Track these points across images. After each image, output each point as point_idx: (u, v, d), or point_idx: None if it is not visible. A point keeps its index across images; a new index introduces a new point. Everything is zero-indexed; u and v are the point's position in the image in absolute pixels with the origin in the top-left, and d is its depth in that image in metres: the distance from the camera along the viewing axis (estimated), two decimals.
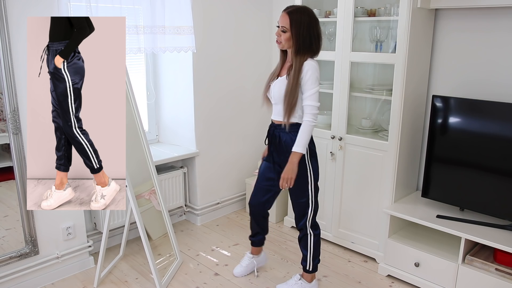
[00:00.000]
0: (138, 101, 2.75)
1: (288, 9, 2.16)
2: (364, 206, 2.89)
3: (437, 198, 2.65)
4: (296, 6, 2.17)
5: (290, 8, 2.16)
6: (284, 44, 2.18)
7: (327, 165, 3.04)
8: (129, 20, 2.63)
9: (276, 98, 2.27)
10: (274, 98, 2.28)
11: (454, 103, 2.53)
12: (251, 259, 2.73)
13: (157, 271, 2.48)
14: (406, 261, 2.62)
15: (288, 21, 2.13)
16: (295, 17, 2.12)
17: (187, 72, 3.20)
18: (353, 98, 2.97)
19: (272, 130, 2.35)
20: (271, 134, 2.36)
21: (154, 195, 2.79)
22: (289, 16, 2.13)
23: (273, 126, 2.35)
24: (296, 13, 2.13)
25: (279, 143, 2.31)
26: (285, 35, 2.15)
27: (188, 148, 3.37)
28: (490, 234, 2.35)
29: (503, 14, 2.47)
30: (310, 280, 2.51)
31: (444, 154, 2.58)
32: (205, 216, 3.51)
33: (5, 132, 2.31)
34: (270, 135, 2.37)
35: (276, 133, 2.31)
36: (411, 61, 2.59)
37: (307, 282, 2.50)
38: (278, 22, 2.17)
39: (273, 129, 2.34)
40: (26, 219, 2.43)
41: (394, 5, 2.61)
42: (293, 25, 2.12)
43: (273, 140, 2.35)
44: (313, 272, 2.49)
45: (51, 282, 2.61)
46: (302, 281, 2.50)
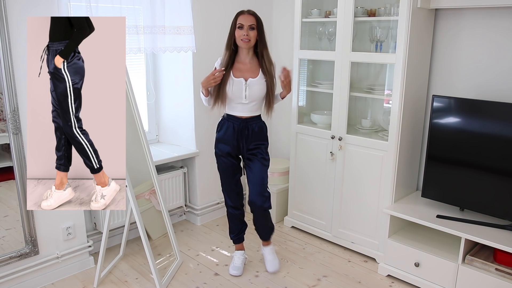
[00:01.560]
0: (138, 101, 2.75)
1: (247, 11, 2.41)
2: (364, 206, 2.89)
3: (437, 198, 2.65)
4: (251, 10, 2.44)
5: (248, 10, 2.41)
6: (253, 41, 2.40)
7: (327, 165, 3.04)
8: (129, 20, 2.63)
9: (253, 97, 2.46)
10: (250, 97, 2.45)
11: (454, 103, 2.52)
12: (243, 255, 2.80)
13: (157, 271, 2.48)
14: (406, 261, 2.62)
15: (254, 20, 2.38)
16: (257, 17, 2.40)
17: (187, 72, 3.20)
18: (353, 98, 2.97)
19: (242, 125, 2.50)
20: (240, 129, 2.50)
21: (154, 195, 2.79)
22: (254, 16, 2.39)
23: (243, 121, 2.50)
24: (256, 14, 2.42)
25: (252, 133, 2.52)
26: (254, 32, 2.38)
27: (188, 148, 3.37)
28: (490, 234, 2.35)
29: (503, 14, 2.47)
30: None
31: (444, 154, 2.58)
32: (205, 216, 3.51)
33: (5, 132, 2.31)
34: (239, 130, 2.50)
35: (249, 125, 2.51)
36: (411, 61, 2.59)
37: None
38: (241, 22, 2.37)
39: (244, 124, 2.50)
40: (26, 219, 2.43)
41: (394, 5, 2.61)
42: (259, 23, 2.40)
43: (244, 133, 2.51)
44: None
45: (51, 282, 2.61)
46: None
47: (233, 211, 2.69)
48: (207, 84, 2.39)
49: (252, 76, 2.44)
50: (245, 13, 2.39)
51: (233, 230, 2.76)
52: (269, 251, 2.81)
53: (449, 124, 2.55)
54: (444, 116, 2.56)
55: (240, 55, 2.46)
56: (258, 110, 2.54)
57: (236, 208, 2.69)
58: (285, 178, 3.49)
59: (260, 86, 2.45)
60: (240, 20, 2.37)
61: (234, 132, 2.51)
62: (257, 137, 2.54)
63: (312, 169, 3.15)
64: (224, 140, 2.54)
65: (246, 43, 2.38)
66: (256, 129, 2.53)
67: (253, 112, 2.50)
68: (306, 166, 3.18)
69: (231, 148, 2.54)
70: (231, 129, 2.51)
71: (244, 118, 2.50)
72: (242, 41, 2.37)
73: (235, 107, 2.48)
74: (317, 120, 3.17)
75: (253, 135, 2.52)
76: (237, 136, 2.51)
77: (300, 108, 3.22)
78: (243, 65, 2.46)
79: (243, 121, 2.50)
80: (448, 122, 2.55)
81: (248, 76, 2.44)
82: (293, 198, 3.35)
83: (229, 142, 2.53)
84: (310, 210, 3.24)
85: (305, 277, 2.72)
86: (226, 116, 2.54)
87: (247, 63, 2.46)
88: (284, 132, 3.73)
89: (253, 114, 2.51)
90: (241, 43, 2.39)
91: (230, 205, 2.68)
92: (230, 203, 2.67)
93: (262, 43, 2.43)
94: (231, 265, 2.77)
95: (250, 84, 2.43)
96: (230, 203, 2.67)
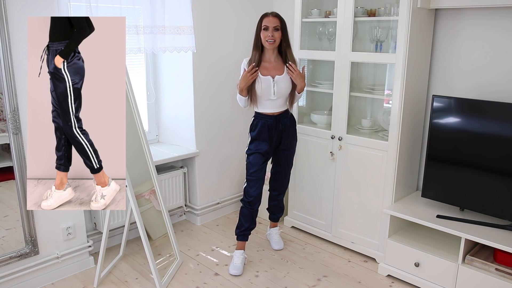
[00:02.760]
0: (138, 101, 2.75)
1: (271, 13, 2.54)
2: (364, 206, 2.89)
3: (437, 198, 2.65)
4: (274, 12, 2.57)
5: (272, 13, 2.54)
6: (278, 42, 2.54)
7: (327, 165, 3.04)
8: (129, 20, 2.63)
9: (281, 93, 2.61)
10: (278, 94, 2.60)
11: (454, 103, 2.52)
12: (243, 254, 2.81)
13: (157, 271, 2.48)
14: (406, 261, 2.62)
15: (278, 21, 2.52)
16: (281, 18, 2.54)
17: (187, 72, 3.20)
18: (353, 98, 2.97)
19: (276, 121, 2.66)
20: (274, 125, 2.65)
21: (154, 195, 2.79)
22: (278, 18, 2.53)
23: (276, 117, 2.66)
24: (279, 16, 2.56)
25: (285, 128, 2.70)
26: (278, 33, 2.52)
27: (188, 148, 3.37)
28: (490, 234, 2.35)
29: (503, 14, 2.47)
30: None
31: (444, 154, 2.58)
32: (205, 216, 3.51)
33: (5, 132, 2.31)
34: (274, 126, 2.65)
35: (282, 121, 2.68)
36: (411, 61, 2.59)
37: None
38: (266, 24, 2.50)
39: (277, 120, 2.66)
40: (26, 219, 2.43)
41: (394, 5, 2.61)
42: (282, 25, 2.54)
43: (280, 128, 2.68)
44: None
45: (51, 282, 2.61)
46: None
47: (249, 206, 2.73)
48: (245, 83, 2.53)
49: (279, 74, 2.59)
50: (269, 15, 2.53)
51: (241, 226, 2.78)
52: (276, 231, 3.13)
53: (449, 124, 2.55)
54: (444, 116, 2.56)
55: (265, 54, 2.59)
56: (285, 105, 2.69)
57: (252, 203, 2.72)
58: None
59: (287, 82, 2.60)
60: (265, 22, 2.51)
61: (269, 129, 2.65)
62: (289, 130, 2.73)
63: (312, 169, 3.15)
64: (262, 137, 2.66)
65: (272, 44, 2.52)
66: (288, 123, 2.71)
67: (281, 107, 2.66)
68: (306, 166, 3.18)
69: (268, 145, 2.67)
70: (266, 127, 2.65)
71: (276, 114, 2.65)
72: (267, 42, 2.51)
73: (265, 104, 2.62)
74: (317, 120, 3.17)
75: (286, 129, 2.70)
76: (273, 132, 2.66)
77: (300, 108, 3.22)
78: (269, 63, 2.60)
79: (275, 118, 2.65)
80: (448, 122, 2.55)
81: (275, 74, 2.58)
82: (293, 198, 3.35)
83: (266, 139, 2.66)
84: (310, 210, 3.24)
85: (305, 277, 2.72)
86: (258, 115, 2.67)
87: (272, 61, 2.60)
88: None
89: (282, 109, 2.67)
90: (267, 44, 2.53)
91: (252, 196, 2.70)
92: (253, 193, 2.70)
93: (286, 43, 2.58)
94: (231, 265, 2.77)
95: (278, 81, 2.58)
96: (253, 193, 2.70)
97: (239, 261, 2.77)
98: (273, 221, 3.14)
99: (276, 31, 2.51)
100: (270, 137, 2.66)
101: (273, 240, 3.11)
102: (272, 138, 2.67)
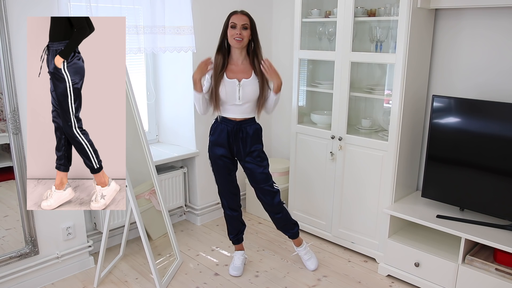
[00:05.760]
0: (138, 101, 2.75)
1: (240, 11, 2.37)
2: (364, 206, 2.89)
3: (437, 198, 2.65)
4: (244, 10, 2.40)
5: (241, 11, 2.37)
6: (246, 41, 2.36)
7: (327, 165, 3.04)
8: (129, 20, 2.63)
9: (247, 98, 2.42)
10: (244, 98, 2.42)
11: (454, 103, 2.53)
12: (243, 255, 2.80)
13: (157, 271, 2.48)
14: (406, 261, 2.62)
15: (248, 19, 2.36)
16: (251, 17, 2.38)
17: (187, 72, 3.19)
18: (353, 98, 2.97)
19: (236, 128, 2.47)
20: (234, 132, 2.47)
21: (154, 195, 2.79)
22: (247, 16, 2.37)
23: (237, 123, 2.47)
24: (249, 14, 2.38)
25: (246, 136, 2.49)
26: (247, 31, 2.35)
27: (188, 148, 3.37)
28: (490, 234, 2.35)
29: (503, 14, 2.47)
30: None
31: (444, 154, 2.58)
32: (205, 216, 3.51)
33: (5, 132, 2.31)
34: (233, 133, 2.48)
35: (243, 128, 2.48)
36: (411, 61, 2.59)
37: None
38: (234, 21, 2.34)
39: (238, 126, 2.47)
40: (26, 219, 2.43)
41: (394, 5, 2.61)
42: (252, 24, 2.38)
43: (239, 135, 2.48)
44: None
45: (51, 282, 2.61)
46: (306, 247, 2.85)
47: (231, 212, 2.68)
48: (200, 72, 2.36)
49: (245, 77, 2.41)
50: (238, 13, 2.37)
51: (231, 231, 2.76)
52: (303, 251, 2.81)
53: (449, 124, 2.55)
54: (444, 116, 2.56)
55: (232, 56, 2.43)
56: (252, 112, 2.49)
57: (233, 210, 2.68)
58: (285, 178, 3.49)
59: (254, 86, 2.42)
60: (233, 19, 2.35)
61: (228, 135, 2.48)
62: (252, 141, 2.51)
63: (312, 169, 3.15)
64: (218, 143, 2.51)
65: (239, 42, 2.34)
66: (251, 132, 2.49)
67: (246, 114, 2.47)
68: (306, 166, 3.18)
69: (226, 151, 2.52)
70: (225, 132, 2.48)
71: (238, 120, 2.47)
72: (234, 40, 2.34)
73: (228, 109, 2.45)
74: (317, 120, 3.17)
75: (248, 138, 2.49)
76: (232, 139, 2.49)
77: (300, 108, 3.22)
78: (235, 66, 2.43)
79: (236, 123, 2.47)
80: (448, 122, 2.56)
81: (241, 77, 2.41)
82: (293, 198, 3.35)
83: (224, 145, 2.50)
84: (310, 210, 3.24)
85: (305, 277, 2.72)
86: (220, 119, 2.50)
87: (239, 64, 2.43)
88: (284, 132, 3.73)
89: (247, 116, 2.47)
90: (234, 42, 2.35)
91: (227, 206, 2.66)
92: (227, 204, 2.66)
93: (255, 43, 2.42)
94: (231, 265, 2.77)
95: (244, 85, 2.40)
96: (227, 204, 2.66)
97: (240, 262, 2.76)
98: (292, 239, 2.80)
99: (245, 30, 2.33)
100: (229, 143, 2.50)
101: (304, 260, 2.82)
102: (231, 145, 2.50)
